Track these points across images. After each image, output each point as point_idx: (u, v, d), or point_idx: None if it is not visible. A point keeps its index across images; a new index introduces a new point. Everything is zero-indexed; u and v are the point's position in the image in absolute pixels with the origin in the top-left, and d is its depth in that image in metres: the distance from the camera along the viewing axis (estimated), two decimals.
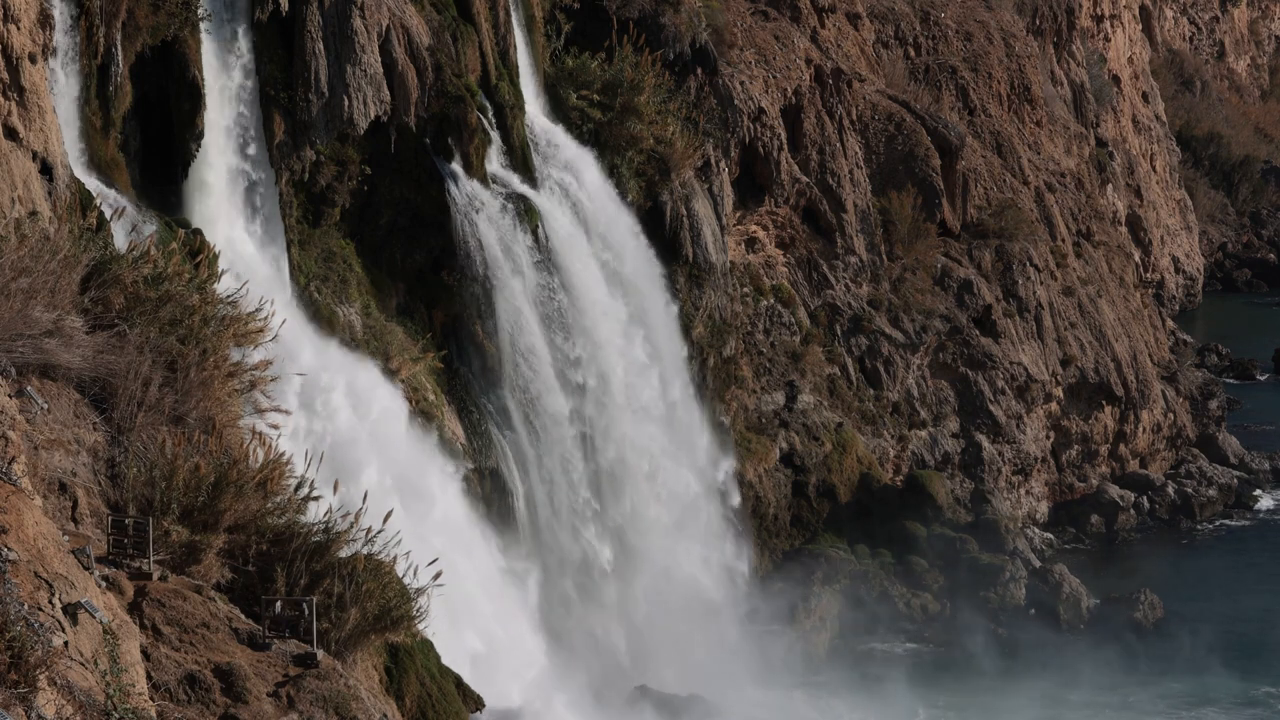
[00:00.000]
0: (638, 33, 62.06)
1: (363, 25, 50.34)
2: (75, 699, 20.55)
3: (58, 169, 38.73)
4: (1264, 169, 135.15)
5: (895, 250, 72.29)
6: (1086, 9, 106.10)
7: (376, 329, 51.61)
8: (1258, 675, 59.58)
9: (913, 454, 69.82)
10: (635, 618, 56.44)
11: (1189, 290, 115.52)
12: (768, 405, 66.29)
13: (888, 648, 61.42)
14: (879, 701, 56.36)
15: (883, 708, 56.00)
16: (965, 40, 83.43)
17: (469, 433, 52.92)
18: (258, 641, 28.48)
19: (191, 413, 32.85)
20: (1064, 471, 75.88)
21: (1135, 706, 57.17)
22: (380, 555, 32.40)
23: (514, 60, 56.54)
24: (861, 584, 63.39)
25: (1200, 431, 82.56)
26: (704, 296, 62.82)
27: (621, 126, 60.10)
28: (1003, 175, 78.89)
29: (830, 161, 70.34)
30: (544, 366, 54.36)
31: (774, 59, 68.80)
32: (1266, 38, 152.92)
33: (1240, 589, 67.27)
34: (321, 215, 51.35)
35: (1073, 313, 77.18)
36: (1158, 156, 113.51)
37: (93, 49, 43.37)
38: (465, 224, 52.96)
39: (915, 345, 70.62)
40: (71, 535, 27.52)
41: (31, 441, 28.18)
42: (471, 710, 37.99)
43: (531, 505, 53.85)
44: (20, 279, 30.53)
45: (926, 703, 56.68)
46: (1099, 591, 65.40)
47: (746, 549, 63.18)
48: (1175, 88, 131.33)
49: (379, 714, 28.33)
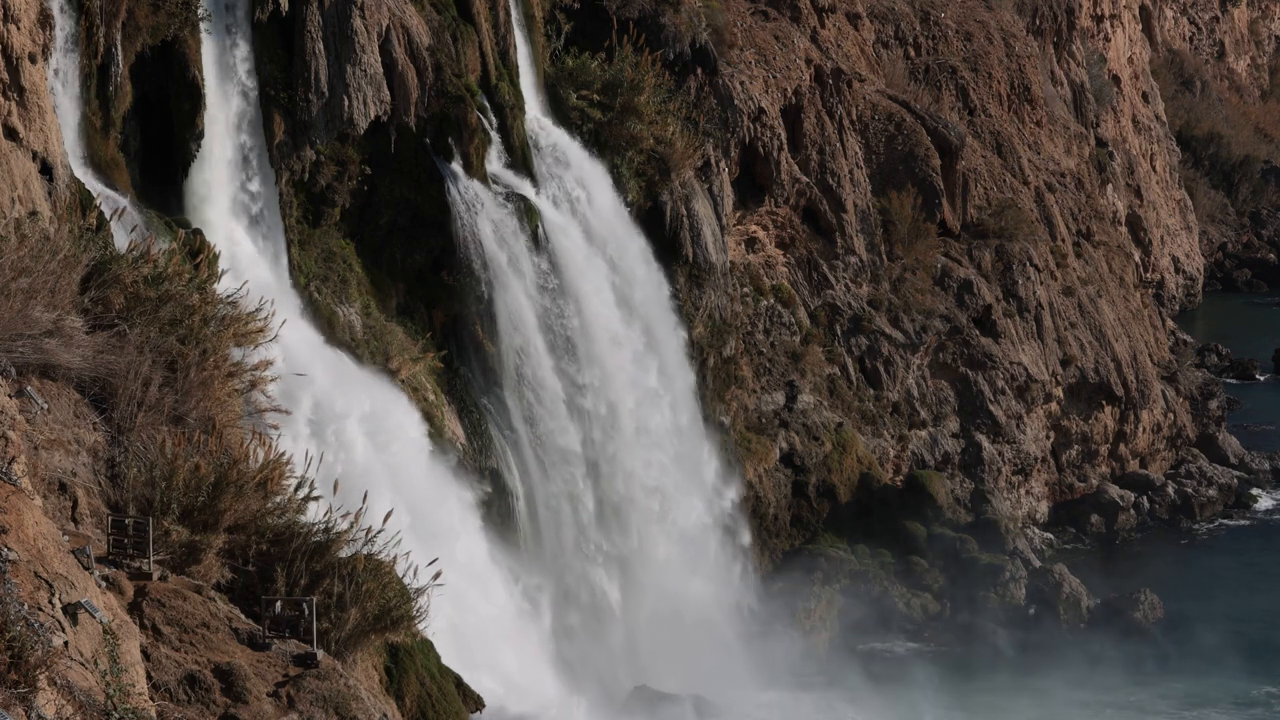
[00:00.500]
0: (638, 33, 62.05)
1: (363, 25, 50.34)
2: (75, 699, 20.55)
3: (58, 169, 38.74)
4: (1264, 169, 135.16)
5: (895, 250, 72.30)
6: (1086, 9, 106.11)
7: (376, 329, 51.61)
8: (1258, 675, 59.56)
9: (913, 454, 69.83)
10: (636, 617, 56.43)
11: (1189, 290, 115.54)
12: (768, 405, 66.29)
13: (888, 648, 61.42)
14: (879, 702, 56.33)
15: (883, 708, 55.97)
16: (965, 40, 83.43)
17: (469, 433, 52.92)
18: (258, 641, 28.48)
19: (191, 413, 32.85)
20: (1064, 471, 75.87)
21: (1135, 706, 57.15)
22: (380, 555, 32.39)
23: (514, 60, 56.54)
24: (861, 584, 63.39)
25: (1200, 431, 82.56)
26: (704, 296, 62.82)
27: (621, 126, 60.10)
28: (1003, 175, 78.89)
29: (830, 161, 70.34)
30: (544, 365, 54.35)
31: (774, 59, 68.80)
32: (1266, 38, 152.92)
33: (1240, 589, 67.25)
34: (321, 215, 51.34)
35: (1073, 313, 77.19)
36: (1158, 156, 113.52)
37: (93, 49, 43.38)
38: (465, 224, 52.95)
39: (915, 345, 70.62)
40: (71, 535, 27.51)
41: (31, 441, 28.18)
42: (471, 710, 37.99)
43: (532, 505, 53.86)
44: (20, 279, 30.53)
45: (926, 703, 56.66)
46: (1099, 591, 65.38)
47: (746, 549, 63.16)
48: (1175, 88, 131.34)
49: (379, 714, 28.33)
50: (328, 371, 47.61)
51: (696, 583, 59.40)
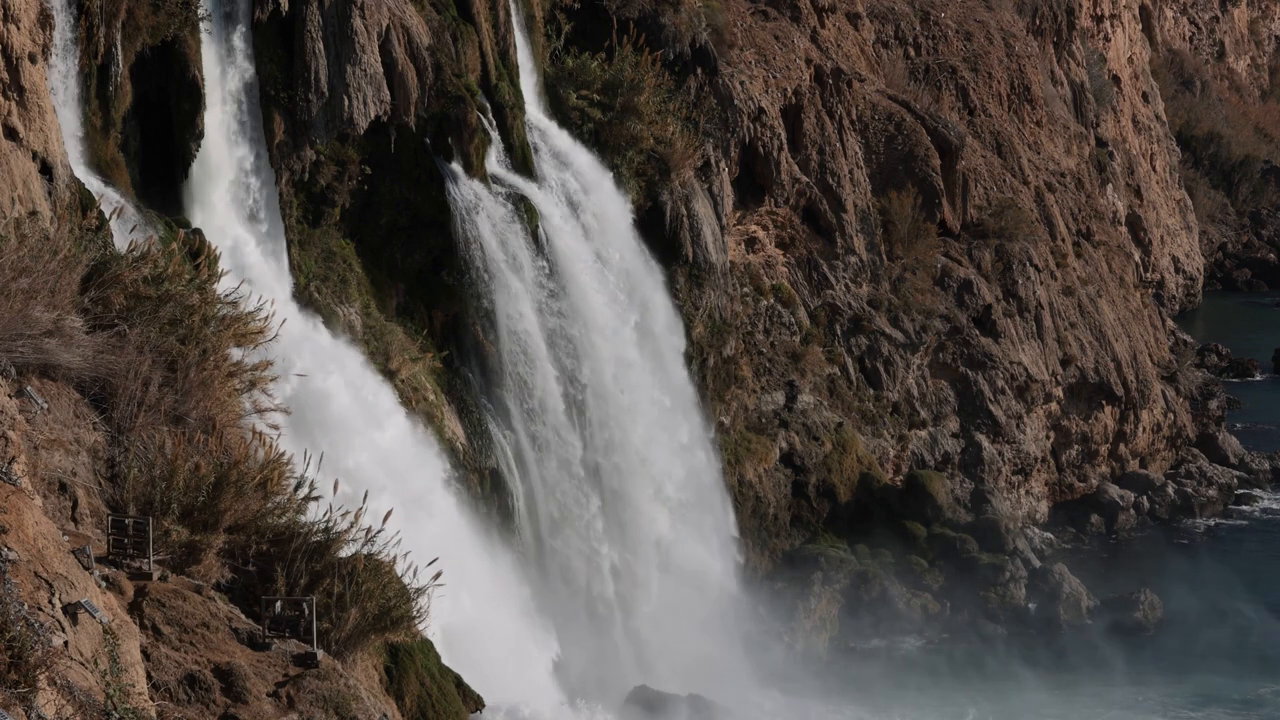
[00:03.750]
0: (638, 33, 62.05)
1: (363, 25, 50.33)
2: (75, 699, 20.54)
3: (58, 169, 38.74)
4: (1264, 169, 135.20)
5: (895, 250, 72.30)
6: (1086, 9, 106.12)
7: (376, 329, 51.61)
8: (1258, 675, 59.59)
9: (913, 454, 69.82)
10: (636, 617, 56.43)
11: (1189, 290, 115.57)
12: (768, 405, 66.28)
13: (888, 648, 61.43)
14: (879, 701, 56.36)
15: (883, 708, 55.99)
16: (965, 40, 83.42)
17: (469, 433, 52.92)
18: (258, 641, 28.46)
19: (191, 413, 32.84)
20: (1064, 471, 75.87)
21: (1135, 706, 57.16)
22: (380, 555, 32.38)
23: (514, 60, 56.54)
24: (861, 584, 63.39)
25: (1200, 431, 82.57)
26: (704, 296, 62.82)
27: (621, 126, 60.11)
28: (1003, 175, 78.89)
29: (830, 161, 70.33)
30: (544, 365, 54.34)
31: (774, 59, 68.79)
32: (1266, 38, 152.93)
33: (1240, 589, 67.24)
34: (321, 215, 51.35)
35: (1073, 313, 77.19)
36: (1158, 156, 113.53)
37: (93, 49, 43.37)
38: (465, 224, 52.95)
39: (915, 345, 70.62)
40: (71, 535, 27.51)
41: (31, 441, 28.18)
42: (471, 710, 37.97)
43: (531, 505, 53.87)
44: (20, 279, 30.51)
45: (927, 703, 56.67)
46: (1099, 591, 65.39)
47: (746, 548, 63.17)
48: (1175, 88, 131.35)
49: (379, 714, 28.32)
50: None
51: (697, 582, 59.40)
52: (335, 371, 48.02)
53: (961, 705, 56.72)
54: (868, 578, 63.73)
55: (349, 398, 48.06)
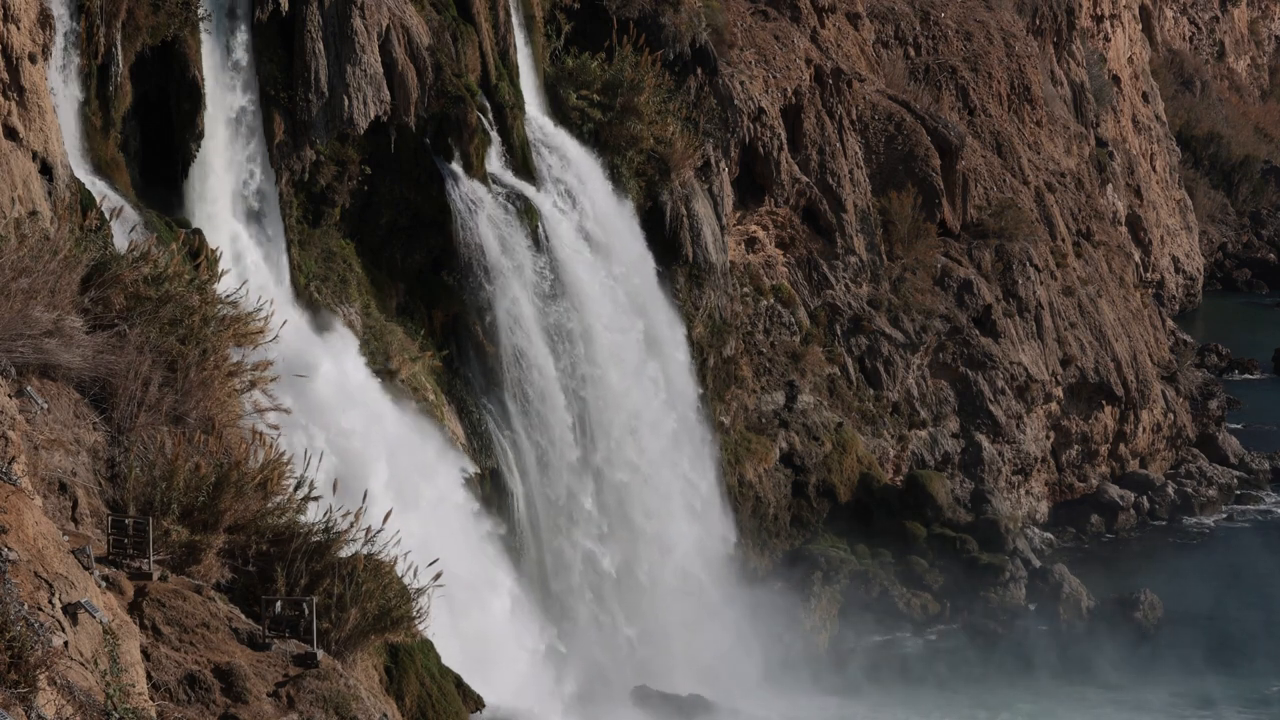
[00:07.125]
0: (638, 33, 62.05)
1: (363, 25, 50.33)
2: (75, 699, 20.54)
3: (58, 169, 38.74)
4: (1264, 169, 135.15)
5: (895, 250, 72.29)
6: (1086, 9, 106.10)
7: (376, 329, 51.60)
8: (1258, 675, 59.57)
9: (913, 454, 69.82)
10: (635, 617, 56.42)
11: (1189, 290, 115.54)
12: (768, 405, 66.28)
13: (888, 647, 61.42)
14: (879, 701, 56.36)
15: (883, 707, 55.99)
16: (965, 40, 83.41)
17: (469, 433, 52.92)
18: (258, 641, 28.47)
19: (191, 413, 32.85)
20: (1064, 471, 75.87)
21: (1135, 706, 57.15)
22: (380, 555, 32.38)
23: (514, 60, 56.53)
24: (861, 584, 63.39)
25: (1200, 431, 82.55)
26: (704, 296, 62.82)
27: (621, 126, 60.10)
28: (1003, 175, 78.88)
29: (830, 161, 70.32)
30: (544, 365, 54.34)
31: (774, 59, 68.79)
32: (1266, 38, 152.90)
33: (1240, 589, 67.24)
34: (321, 215, 51.34)
35: (1073, 313, 77.18)
36: (1158, 156, 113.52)
37: (93, 49, 43.37)
38: (465, 224, 52.94)
39: (915, 345, 70.61)
40: (71, 535, 27.51)
41: (31, 441, 28.17)
42: (471, 710, 37.99)
43: (531, 505, 53.86)
44: (20, 279, 30.52)
45: (927, 702, 56.67)
46: (1099, 591, 65.38)
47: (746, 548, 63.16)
48: (1175, 88, 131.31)
49: (379, 714, 28.32)
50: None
51: (697, 582, 59.39)
52: (335, 371, 48.02)
53: (962, 705, 56.73)
54: (868, 578, 63.72)
55: (349, 398, 48.08)
